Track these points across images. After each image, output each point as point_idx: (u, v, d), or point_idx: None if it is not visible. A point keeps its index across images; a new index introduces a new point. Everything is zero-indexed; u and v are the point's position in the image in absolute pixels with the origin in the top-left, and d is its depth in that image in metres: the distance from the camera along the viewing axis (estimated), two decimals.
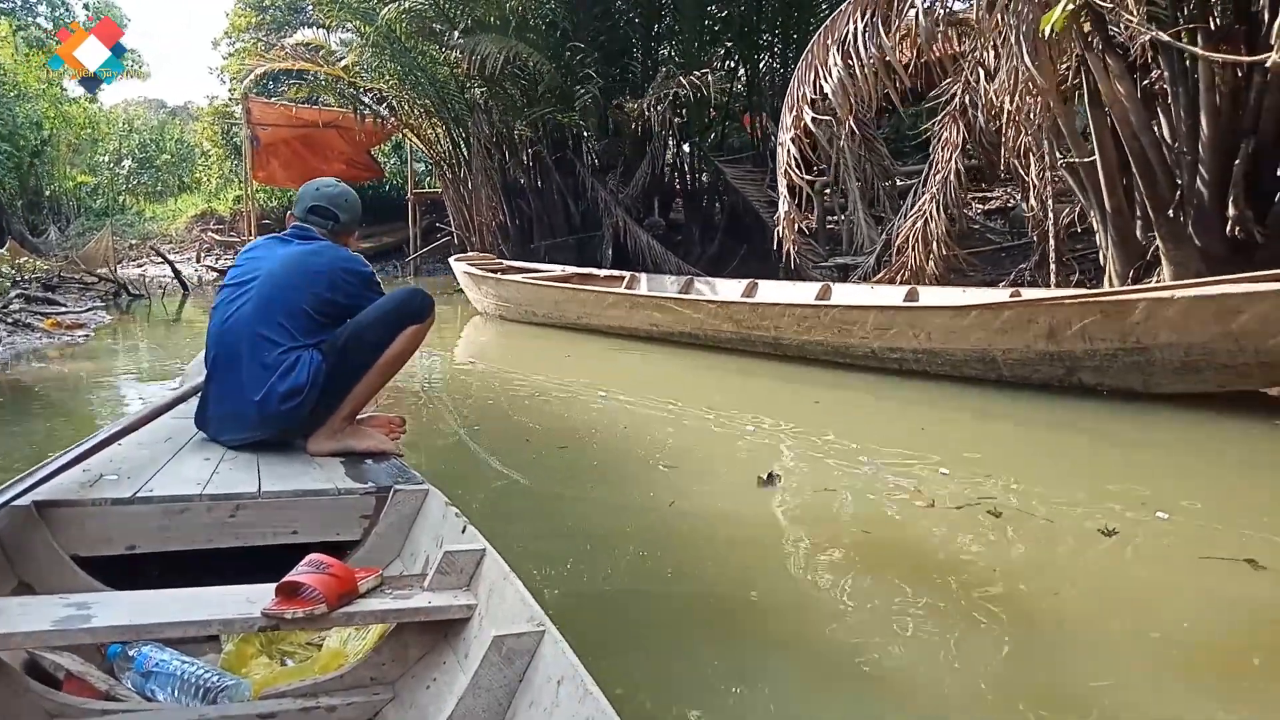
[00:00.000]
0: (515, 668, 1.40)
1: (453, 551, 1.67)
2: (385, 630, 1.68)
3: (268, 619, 1.48)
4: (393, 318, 2.49)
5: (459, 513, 1.94)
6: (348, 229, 2.74)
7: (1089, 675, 1.91)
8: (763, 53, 11.40)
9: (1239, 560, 2.36)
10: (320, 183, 2.77)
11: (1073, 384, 4.48)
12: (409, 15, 10.58)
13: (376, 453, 2.44)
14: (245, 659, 1.74)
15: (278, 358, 2.37)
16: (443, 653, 1.63)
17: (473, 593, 1.65)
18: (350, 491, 2.12)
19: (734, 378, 5.70)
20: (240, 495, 2.05)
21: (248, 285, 2.48)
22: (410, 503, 2.12)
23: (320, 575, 1.54)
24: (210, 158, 24.88)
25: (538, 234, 11.91)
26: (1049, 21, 3.61)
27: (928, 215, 6.44)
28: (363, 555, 2.04)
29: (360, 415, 2.57)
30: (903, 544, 2.68)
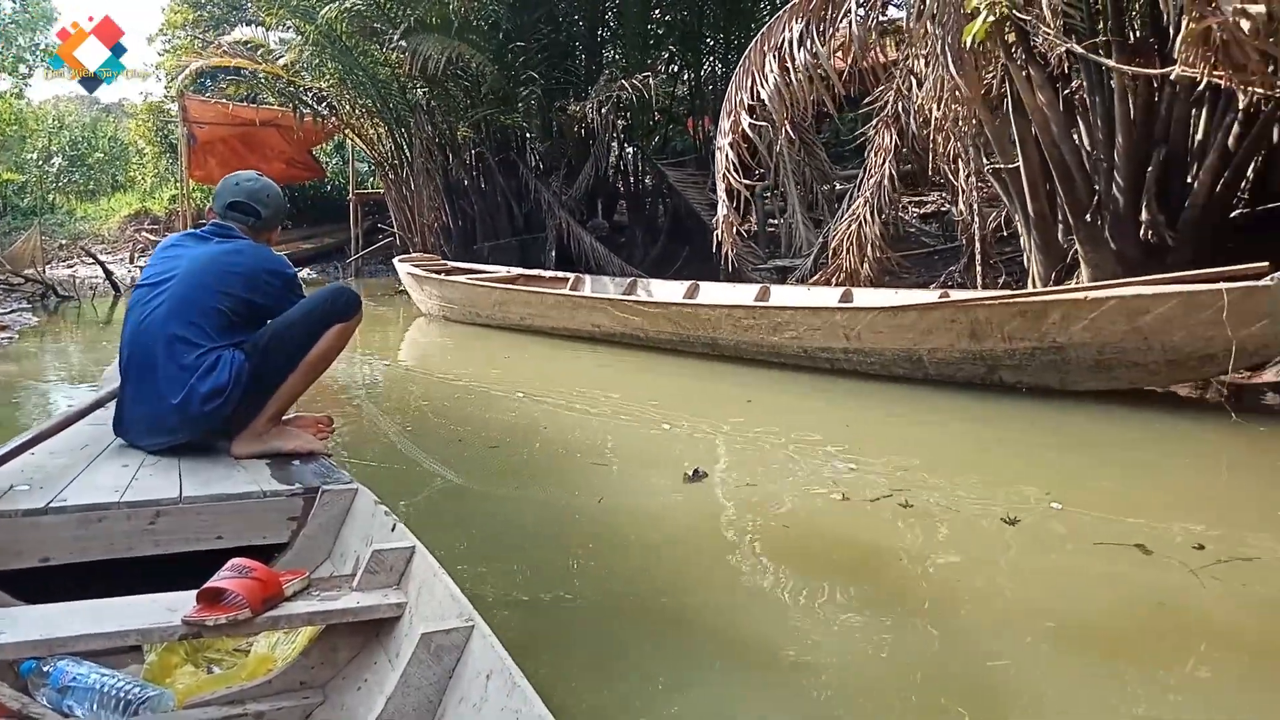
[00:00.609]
0: (444, 664, 1.40)
1: (382, 550, 1.66)
2: (315, 633, 1.66)
3: (189, 627, 1.46)
4: (318, 316, 2.44)
5: (388, 511, 1.93)
6: (270, 225, 2.68)
7: (991, 655, 2.01)
8: (706, 57, 11.53)
9: (1130, 546, 2.50)
10: (240, 176, 2.69)
11: (994, 382, 4.64)
12: (349, 15, 10.47)
13: (304, 453, 2.39)
14: (169, 669, 1.70)
15: (197, 359, 2.31)
16: (374, 653, 1.62)
17: (403, 591, 1.64)
18: (276, 494, 2.09)
19: (671, 378, 5.77)
20: (160, 501, 2.00)
21: (163, 285, 2.41)
22: (339, 503, 2.10)
23: (243, 580, 1.51)
24: (145, 156, 24.24)
25: (481, 235, 11.88)
26: (970, 32, 3.74)
27: (862, 219, 6.59)
28: (291, 558, 2.02)
29: (286, 416, 2.53)
30: (819, 536, 2.77)
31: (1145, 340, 4.06)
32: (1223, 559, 2.35)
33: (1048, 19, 3.91)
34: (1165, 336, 4.00)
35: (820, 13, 5.48)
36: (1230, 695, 1.85)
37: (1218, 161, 4.82)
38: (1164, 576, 2.33)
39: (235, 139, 16.52)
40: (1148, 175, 4.97)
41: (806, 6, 5.51)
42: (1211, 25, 3.15)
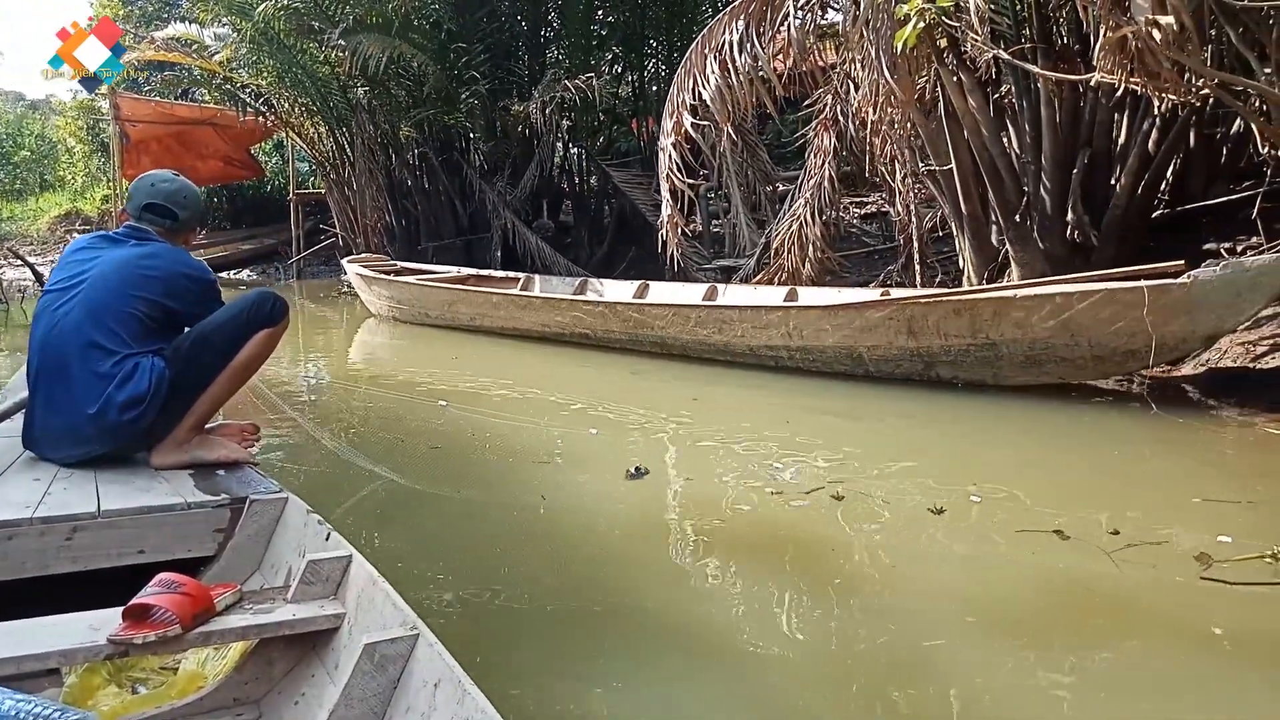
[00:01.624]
0: (389, 674, 1.37)
1: (316, 560, 1.63)
2: (247, 648, 1.62)
3: (114, 646, 1.41)
4: (243, 321, 2.38)
5: (321, 520, 1.89)
6: (187, 228, 2.60)
7: (917, 638, 2.09)
8: (649, 58, 11.58)
9: (1049, 532, 2.61)
10: (156, 177, 2.60)
11: (931, 378, 4.78)
12: (286, 12, 10.31)
13: (229, 462, 2.32)
14: (90, 691, 1.63)
15: (114, 366, 2.22)
16: (311, 665, 1.59)
17: (340, 601, 1.61)
18: (201, 505, 2.02)
19: (619, 376, 5.81)
20: (77, 516, 1.91)
21: (75, 289, 2.32)
22: (268, 512, 2.04)
23: (172, 595, 1.46)
24: (75, 155, 23.53)
25: (425, 235, 11.78)
26: (901, 38, 3.85)
27: (802, 219, 6.70)
28: (219, 571, 1.96)
29: (209, 424, 2.46)
30: (753, 529, 2.84)
31: (1072, 336, 4.22)
32: (1134, 543, 2.47)
33: (975, 26, 4.04)
34: (1090, 332, 4.16)
35: (759, 15, 5.57)
36: (1139, 669, 1.95)
37: (1138, 164, 5.02)
38: (1080, 560, 2.44)
39: (170, 137, 16.11)
40: (1073, 177, 5.16)
41: (746, 9, 5.59)
42: (1127, 34, 3.29)
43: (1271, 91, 3.69)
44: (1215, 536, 2.53)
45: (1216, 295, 3.82)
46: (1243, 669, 1.94)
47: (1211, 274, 3.81)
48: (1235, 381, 4.28)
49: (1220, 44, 4.49)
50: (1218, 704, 1.83)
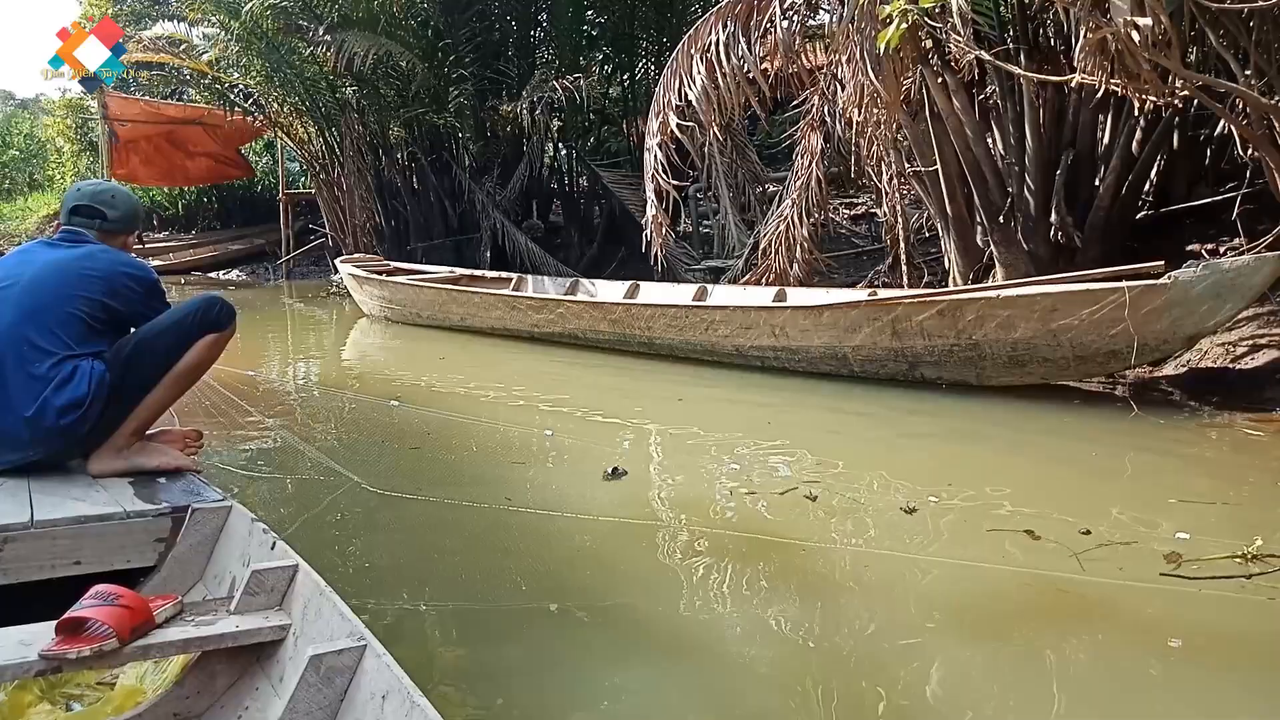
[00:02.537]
0: (335, 687, 1.34)
1: (261, 570, 1.59)
2: (189, 661, 1.58)
3: (47, 661, 1.35)
4: (189, 325, 2.32)
5: (267, 528, 1.85)
6: (120, 228, 2.52)
7: (888, 636, 2.10)
8: (639, 58, 11.58)
9: (1020, 532, 2.62)
10: (83, 183, 2.58)
11: (915, 378, 4.79)
12: (274, 10, 10.28)
13: (170, 470, 2.26)
14: (21, 709, 1.58)
15: (51, 368, 2.15)
16: (255, 678, 1.55)
17: (286, 612, 1.57)
18: (141, 514, 1.96)
19: (606, 377, 5.81)
20: (8, 527, 1.83)
21: (7, 290, 2.25)
22: (211, 521, 1.99)
23: (109, 607, 1.42)
24: (64, 154, 23.42)
25: (414, 236, 11.75)
26: (884, 39, 3.86)
27: (790, 220, 6.71)
28: (159, 582, 1.90)
29: (150, 430, 2.39)
30: (728, 529, 2.83)
31: (1054, 337, 4.23)
32: (1105, 543, 2.48)
33: (958, 27, 4.05)
34: (1072, 333, 4.17)
35: (746, 17, 5.58)
36: (1102, 670, 1.96)
37: (1122, 165, 5.04)
38: (1048, 560, 2.45)
39: (160, 136, 16.04)
40: (1057, 178, 5.17)
41: (732, 10, 5.60)
42: (1106, 35, 3.30)
43: (1250, 94, 3.71)
44: (1189, 537, 2.54)
45: (1197, 296, 3.84)
46: (1204, 669, 1.95)
47: (1191, 275, 3.83)
48: (1216, 382, 4.30)
49: (1202, 46, 4.51)
50: (1178, 704, 1.84)
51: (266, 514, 2.81)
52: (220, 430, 4.29)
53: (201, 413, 4.58)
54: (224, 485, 3.03)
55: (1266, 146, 3.91)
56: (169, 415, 2.49)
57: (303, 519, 2.96)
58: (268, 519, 1.96)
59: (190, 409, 4.54)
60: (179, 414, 2.68)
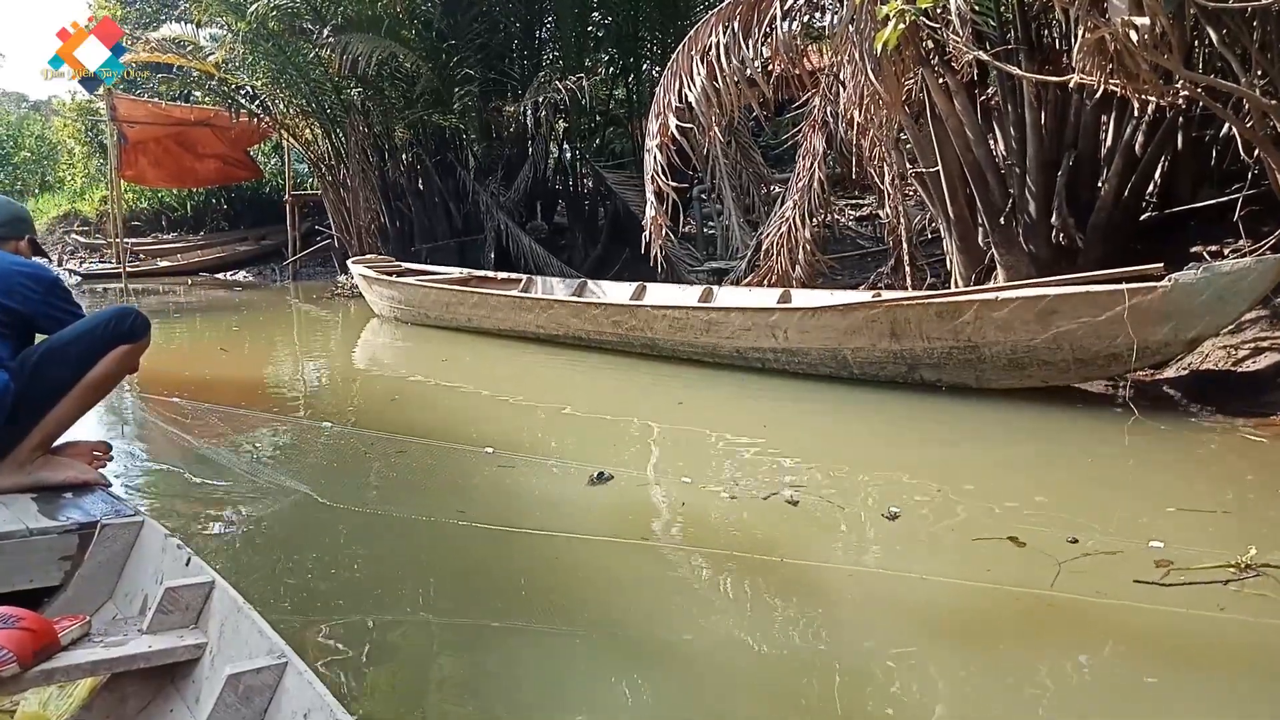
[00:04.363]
0: (254, 706, 1.30)
1: (175, 587, 1.54)
2: (97, 684, 1.52)
3: None
4: (101, 335, 2.24)
5: (181, 544, 1.78)
6: (3, 233, 2.44)
7: (865, 645, 2.07)
8: (644, 60, 11.56)
9: (1004, 539, 2.58)
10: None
11: (915, 381, 4.75)
12: (278, 11, 10.31)
13: (77, 484, 2.17)
14: None
15: None
16: (169, 699, 1.50)
17: (202, 630, 1.52)
18: (45, 531, 1.88)
19: (608, 378, 5.80)
20: None
21: None
22: (122, 537, 1.90)
23: (10, 630, 1.36)
24: (74, 156, 23.56)
25: (419, 237, 11.77)
26: (881, 39, 3.83)
27: (792, 222, 6.68)
28: (65, 602, 1.82)
29: (55, 443, 2.30)
30: (708, 535, 2.81)
31: (1054, 339, 4.19)
32: (1089, 553, 2.44)
33: (957, 27, 4.02)
34: (1072, 335, 4.13)
35: (747, 18, 5.55)
36: (1081, 681, 1.93)
37: (1124, 166, 5.00)
38: (1030, 569, 2.41)
39: (168, 138, 16.12)
40: (1058, 179, 5.13)
41: (733, 11, 5.58)
42: (1105, 35, 3.27)
43: (1252, 94, 3.66)
44: (1180, 545, 2.50)
45: (1198, 298, 3.80)
46: (1193, 681, 1.92)
47: (1192, 277, 3.79)
48: (1217, 385, 4.25)
49: (1204, 46, 4.46)
50: (1155, 714, 1.81)
51: (198, 527, 2.80)
52: (230, 433, 4.29)
53: (208, 431, 4.58)
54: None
55: (1269, 148, 3.86)
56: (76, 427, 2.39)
57: (239, 532, 2.94)
58: (197, 532, 1.90)
59: (203, 423, 4.54)
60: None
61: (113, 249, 17.47)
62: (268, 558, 2.70)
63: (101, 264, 18.34)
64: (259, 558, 2.69)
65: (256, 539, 2.91)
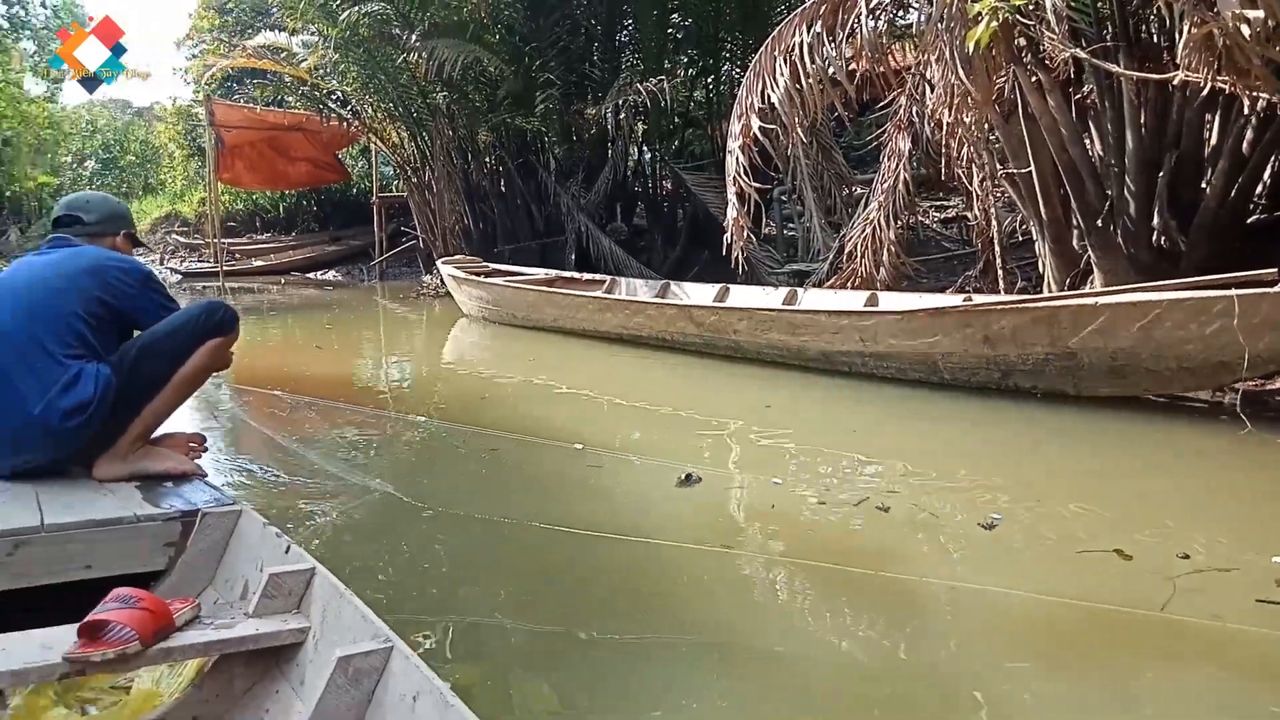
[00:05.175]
0: (363, 688, 1.33)
1: (278, 573, 1.58)
2: (204, 664, 1.56)
3: (71, 664, 1.34)
4: (193, 330, 2.32)
5: (279, 532, 1.83)
6: (101, 229, 2.53)
7: (962, 661, 2.02)
8: (724, 61, 11.52)
9: (1110, 552, 2.48)
10: (65, 197, 2.64)
11: (1009, 387, 4.63)
12: (369, 18, 10.60)
13: (176, 474, 2.25)
14: (38, 712, 1.55)
15: (56, 370, 2.13)
16: (274, 680, 1.54)
17: (304, 615, 1.56)
18: (151, 518, 1.94)
19: (692, 380, 5.80)
20: (19, 531, 1.81)
21: (7, 297, 2.26)
22: (222, 525, 1.97)
23: (130, 611, 1.40)
24: (175, 159, 24.62)
25: (501, 238, 11.96)
26: (973, 38, 3.75)
27: (876, 223, 6.58)
28: (170, 586, 1.87)
29: (153, 434, 2.37)
30: (799, 541, 2.78)
31: (1157, 347, 4.03)
32: (1202, 569, 2.34)
33: (1052, 24, 3.90)
34: (1177, 343, 3.97)
35: (831, 17, 5.49)
36: (1192, 707, 1.85)
37: (1231, 166, 4.78)
38: (1139, 585, 2.32)
39: (262, 142, 16.74)
40: (1159, 180, 4.94)
41: (817, 11, 5.52)
42: (1213, 30, 3.14)
43: None
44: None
45: None
46: None
47: None
48: None
49: None
50: None
51: (287, 518, 2.87)
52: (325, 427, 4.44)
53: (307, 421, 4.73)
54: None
55: None
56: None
57: (325, 525, 3.01)
58: (285, 524, 1.94)
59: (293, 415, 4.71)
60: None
61: (210, 249, 18.25)
62: (353, 553, 2.76)
63: (200, 263, 19.17)
64: (343, 552, 2.75)
65: (342, 533, 2.98)
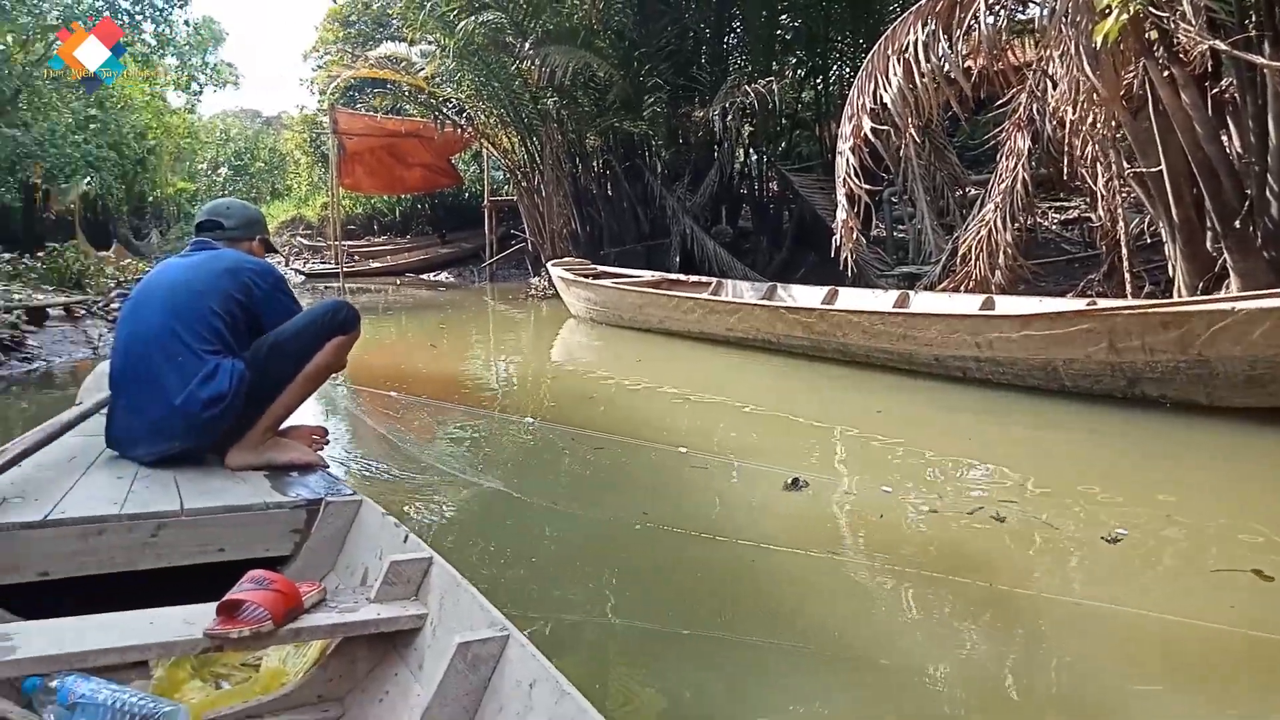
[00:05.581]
0: (480, 674, 1.37)
1: (399, 561, 1.63)
2: (326, 646, 1.63)
3: (211, 640, 1.41)
4: (318, 328, 2.45)
5: (398, 522, 1.90)
6: (240, 233, 2.71)
7: (1085, 685, 1.94)
8: (834, 61, 11.38)
9: (1248, 572, 2.35)
10: (209, 203, 2.82)
11: (1135, 396, 4.42)
12: (485, 27, 10.90)
13: (300, 465, 2.36)
14: (177, 684, 1.63)
15: (196, 364, 2.28)
16: (393, 665, 1.59)
17: (422, 602, 1.61)
18: (279, 505, 2.04)
19: (800, 383, 5.76)
20: (161, 514, 1.93)
21: (153, 296, 2.43)
22: (343, 514, 2.06)
23: (265, 592, 1.48)
24: (300, 165, 25.87)
25: (608, 241, 12.12)
26: (1102, 32, 3.60)
27: (992, 225, 6.39)
28: (295, 571, 1.95)
29: (281, 426, 2.50)
30: (909, 549, 2.71)
31: None
32: None
33: (1188, 15, 3.71)
34: None
35: (948, 14, 5.36)
36: None
37: None
38: None
39: (381, 148, 17.44)
40: None
41: (933, 8, 5.40)
42: None
43: None
44: None
45: None
46: None
47: None
48: None
49: None
50: None
51: (399, 510, 2.93)
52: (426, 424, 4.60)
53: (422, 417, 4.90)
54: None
55: None
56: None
57: (436, 519, 3.10)
58: (405, 517, 2.01)
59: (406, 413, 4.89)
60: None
61: (331, 251, 19.11)
62: (463, 544, 2.84)
63: (322, 264, 20.09)
64: (454, 543, 2.83)
65: (453, 526, 3.07)
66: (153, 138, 23.48)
